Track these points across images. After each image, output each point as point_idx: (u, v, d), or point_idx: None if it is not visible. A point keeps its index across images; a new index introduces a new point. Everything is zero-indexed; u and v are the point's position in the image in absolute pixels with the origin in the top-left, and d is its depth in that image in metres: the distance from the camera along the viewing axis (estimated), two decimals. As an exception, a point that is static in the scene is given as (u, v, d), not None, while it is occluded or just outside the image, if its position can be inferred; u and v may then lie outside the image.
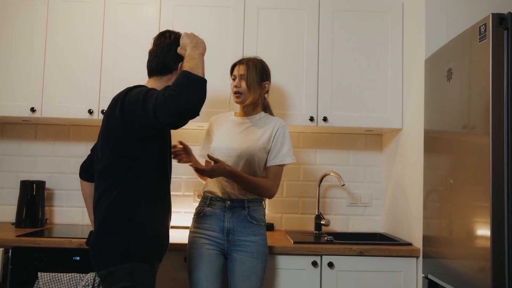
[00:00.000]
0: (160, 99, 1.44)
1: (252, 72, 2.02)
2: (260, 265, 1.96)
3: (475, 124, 1.68)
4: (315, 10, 2.50)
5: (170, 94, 1.43)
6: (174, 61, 1.72)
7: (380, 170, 2.81)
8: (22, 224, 2.48)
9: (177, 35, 1.77)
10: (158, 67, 1.73)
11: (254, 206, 2.02)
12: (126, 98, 1.59)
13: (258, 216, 2.02)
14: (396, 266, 2.17)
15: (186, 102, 1.43)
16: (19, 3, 2.46)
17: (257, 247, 1.96)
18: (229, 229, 1.97)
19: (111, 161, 1.61)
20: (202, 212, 2.02)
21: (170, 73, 1.73)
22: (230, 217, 1.98)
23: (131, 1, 2.48)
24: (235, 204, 1.99)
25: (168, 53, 1.72)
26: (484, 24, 1.62)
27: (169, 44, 1.74)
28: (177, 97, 1.43)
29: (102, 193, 1.62)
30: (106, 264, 1.58)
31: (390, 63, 2.50)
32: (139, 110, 1.51)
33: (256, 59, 2.09)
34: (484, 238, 1.60)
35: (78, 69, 2.45)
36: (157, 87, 1.69)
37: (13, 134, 2.76)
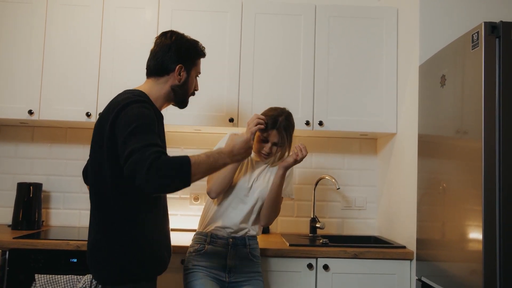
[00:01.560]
0: (143, 174, 1.34)
1: (286, 139, 1.98)
2: None
3: (468, 129, 1.71)
4: (312, 16, 2.54)
5: (157, 176, 1.34)
6: (172, 62, 1.66)
7: (374, 173, 2.85)
8: (19, 226, 2.49)
9: (178, 35, 1.71)
10: (156, 67, 1.67)
11: (253, 244, 2.01)
12: (119, 119, 1.48)
13: (257, 254, 2.02)
14: (390, 268, 2.20)
15: (168, 187, 1.41)
16: (18, 6, 2.47)
17: (257, 283, 1.97)
18: (231, 267, 1.96)
19: (103, 173, 1.53)
20: (203, 250, 1.96)
21: (167, 75, 1.67)
22: (233, 255, 1.96)
23: (129, 5, 2.50)
24: (237, 241, 1.97)
25: (167, 53, 1.66)
26: (477, 32, 1.66)
27: (169, 44, 1.67)
28: (161, 183, 1.37)
29: (98, 206, 1.56)
30: (106, 282, 1.55)
31: (385, 69, 2.54)
32: (120, 149, 1.43)
33: (289, 121, 2.00)
34: (476, 241, 1.63)
35: (76, 72, 2.46)
36: (153, 90, 1.65)
37: (10, 136, 2.77)
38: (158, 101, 1.66)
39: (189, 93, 1.76)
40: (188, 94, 1.75)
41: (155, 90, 1.66)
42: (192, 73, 1.73)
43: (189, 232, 2.63)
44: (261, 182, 2.04)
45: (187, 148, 2.79)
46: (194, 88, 1.77)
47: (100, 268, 1.55)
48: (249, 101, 2.47)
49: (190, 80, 1.72)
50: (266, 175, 2.06)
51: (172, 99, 1.71)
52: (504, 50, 1.61)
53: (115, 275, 1.53)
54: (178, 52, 1.67)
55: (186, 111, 2.43)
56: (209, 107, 2.46)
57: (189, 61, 1.70)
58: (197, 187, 2.73)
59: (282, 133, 1.97)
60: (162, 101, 1.69)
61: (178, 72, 1.67)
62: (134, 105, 1.50)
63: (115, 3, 2.49)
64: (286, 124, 1.98)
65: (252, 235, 2.02)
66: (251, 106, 2.47)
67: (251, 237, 2.02)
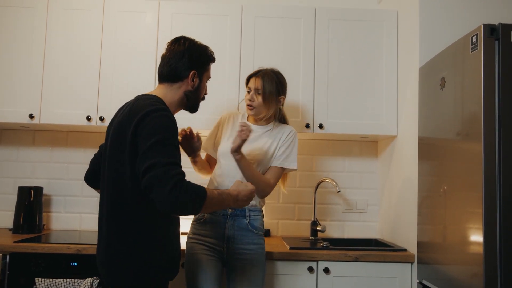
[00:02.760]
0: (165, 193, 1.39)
1: (268, 87, 2.01)
2: (260, 273, 1.96)
3: (468, 131, 1.71)
4: (311, 19, 2.54)
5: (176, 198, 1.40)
6: (186, 69, 1.68)
7: (375, 176, 2.84)
8: (20, 230, 2.49)
9: (191, 42, 1.73)
10: (170, 73, 1.69)
11: (254, 215, 2.02)
12: (142, 125, 1.50)
13: (258, 225, 2.02)
14: (391, 271, 2.19)
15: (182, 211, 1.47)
16: (19, 10, 2.48)
17: (257, 256, 1.97)
18: (229, 237, 1.97)
19: (124, 178, 1.53)
20: (203, 219, 2.01)
21: (181, 81, 1.69)
22: (231, 225, 1.98)
23: (129, 9, 2.51)
24: (236, 212, 1.99)
25: (181, 60, 1.68)
26: (476, 35, 1.66)
27: (182, 51, 1.69)
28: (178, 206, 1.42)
29: (113, 211, 1.56)
30: (120, 285, 1.56)
31: (385, 71, 2.54)
32: (140, 157, 1.46)
33: (273, 72, 2.07)
34: (476, 244, 1.62)
35: (77, 76, 2.47)
36: (167, 95, 1.68)
37: (12, 140, 2.77)
38: (172, 106, 1.69)
39: (201, 98, 1.80)
40: (200, 99, 1.79)
41: (169, 95, 1.69)
42: (204, 78, 1.77)
43: (190, 236, 2.64)
44: (254, 147, 2.03)
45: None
46: (204, 93, 1.81)
47: (117, 274, 1.55)
48: (249, 104, 2.47)
49: (202, 85, 1.77)
50: (261, 140, 2.05)
51: (184, 104, 1.74)
52: (503, 52, 1.61)
53: (131, 280, 1.53)
54: (191, 58, 1.69)
55: (186, 114, 2.44)
56: (209, 110, 2.46)
57: (202, 67, 1.74)
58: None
59: (262, 79, 2.01)
60: (175, 106, 1.72)
61: (192, 78, 1.70)
62: (158, 113, 1.52)
63: (116, 7, 2.50)
64: (270, 74, 2.04)
65: (254, 205, 2.01)
66: (251, 109, 2.46)
67: (253, 208, 2.01)
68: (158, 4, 2.51)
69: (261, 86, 2.01)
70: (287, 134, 2.07)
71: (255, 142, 2.06)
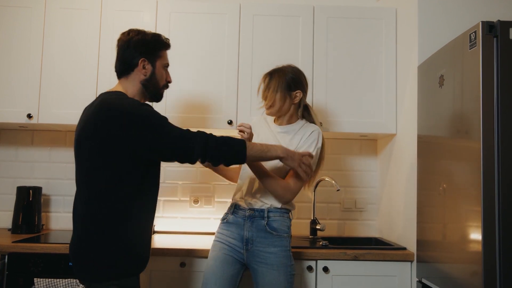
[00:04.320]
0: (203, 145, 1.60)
1: (273, 86, 1.97)
2: (282, 277, 1.86)
3: (467, 129, 1.70)
4: (310, 17, 2.53)
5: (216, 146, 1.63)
6: (134, 57, 1.69)
7: (375, 175, 2.83)
8: (19, 230, 2.49)
9: (135, 31, 1.73)
10: (121, 67, 1.72)
11: (275, 217, 1.93)
12: (133, 117, 1.54)
13: (279, 227, 1.92)
14: (390, 270, 2.18)
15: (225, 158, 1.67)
16: (17, 10, 2.48)
17: (277, 259, 1.88)
18: (248, 238, 1.92)
19: (96, 168, 1.56)
20: (225, 219, 2.01)
21: (133, 71, 1.71)
22: (249, 226, 1.93)
23: (127, 8, 2.50)
24: (255, 213, 1.93)
25: (127, 50, 1.70)
26: (474, 32, 1.65)
27: (127, 41, 1.71)
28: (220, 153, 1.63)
29: (86, 201, 1.58)
30: (91, 279, 1.56)
31: (384, 69, 2.53)
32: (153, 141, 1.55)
33: (288, 68, 2.02)
34: (476, 242, 1.62)
35: (75, 76, 2.46)
36: (128, 89, 1.70)
37: (10, 140, 2.77)
38: (135, 98, 1.69)
39: (161, 85, 1.78)
40: (160, 86, 1.77)
41: (129, 89, 1.71)
42: (158, 65, 1.74)
43: (189, 235, 2.63)
44: None
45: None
46: (167, 80, 1.80)
47: (84, 265, 1.56)
48: (248, 103, 2.47)
49: (158, 72, 1.74)
50: (282, 142, 1.98)
51: (145, 94, 1.75)
52: (501, 49, 1.60)
53: (99, 272, 1.54)
54: (137, 46, 1.70)
55: (185, 114, 2.45)
56: (207, 109, 2.46)
57: (151, 53, 1.72)
58: (197, 189, 2.74)
59: (270, 77, 1.99)
60: (138, 98, 1.72)
61: (142, 66, 1.70)
62: (136, 111, 1.57)
63: (114, 6, 2.50)
64: (282, 69, 2.01)
65: (275, 207, 1.94)
66: (249, 108, 2.46)
67: (273, 209, 1.94)
68: (156, 3, 2.50)
69: (266, 84, 2.00)
70: (309, 133, 1.98)
71: (280, 143, 1.97)
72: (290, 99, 2.00)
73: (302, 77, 2.05)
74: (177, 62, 2.46)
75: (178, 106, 2.46)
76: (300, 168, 1.78)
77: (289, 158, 1.75)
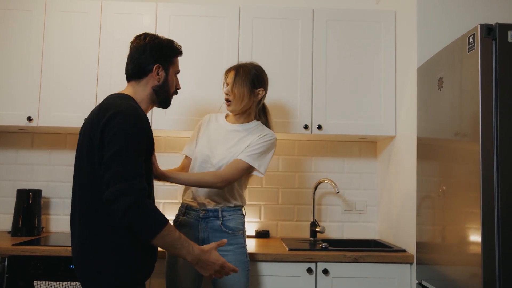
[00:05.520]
0: (123, 207, 1.41)
1: (241, 80, 1.96)
2: (241, 273, 1.90)
3: (466, 131, 1.71)
4: (309, 20, 2.54)
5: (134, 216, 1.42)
6: (149, 63, 1.68)
7: (374, 177, 2.84)
8: (19, 233, 2.49)
9: (152, 36, 1.72)
10: (134, 70, 1.69)
11: (228, 215, 1.96)
12: (109, 126, 1.48)
13: (234, 225, 1.96)
14: (390, 272, 2.19)
15: (136, 229, 1.46)
16: (17, 13, 2.48)
17: (235, 256, 1.91)
18: (204, 239, 1.94)
19: (94, 176, 1.51)
20: (178, 221, 2.00)
21: (146, 76, 1.68)
22: (204, 227, 1.95)
23: (127, 11, 2.51)
24: (209, 214, 1.95)
25: (142, 55, 1.67)
26: (473, 35, 1.66)
27: (143, 45, 1.69)
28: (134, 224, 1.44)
29: (87, 212, 1.53)
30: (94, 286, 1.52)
31: (383, 72, 2.54)
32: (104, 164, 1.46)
33: (250, 65, 2.03)
34: (475, 244, 1.62)
35: (75, 79, 2.47)
36: (137, 93, 1.68)
37: (10, 143, 2.77)
38: (142, 103, 1.68)
39: (171, 93, 1.77)
40: (170, 93, 1.77)
41: (138, 93, 1.68)
42: (171, 71, 1.74)
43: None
44: (223, 149, 1.97)
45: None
46: (176, 87, 1.79)
47: (90, 276, 1.52)
48: (248, 106, 2.47)
49: (170, 79, 1.74)
50: (231, 141, 1.99)
51: (155, 100, 1.73)
52: (500, 52, 1.61)
53: (106, 282, 1.50)
54: (153, 52, 1.68)
55: (185, 117, 2.45)
56: (207, 112, 2.46)
57: (166, 60, 1.71)
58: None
59: (235, 72, 1.98)
60: (146, 103, 1.70)
61: (156, 72, 1.68)
62: (123, 115, 1.50)
63: (113, 9, 2.50)
64: (246, 66, 2.00)
65: (228, 206, 1.96)
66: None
67: (227, 208, 1.96)
68: (155, 6, 2.51)
69: (232, 78, 1.98)
70: (263, 135, 1.98)
71: (230, 143, 1.99)
72: (253, 96, 2.01)
73: (264, 75, 2.07)
74: (177, 64, 2.47)
75: (176, 109, 2.46)
76: (210, 276, 1.61)
77: (198, 265, 1.57)
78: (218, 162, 1.96)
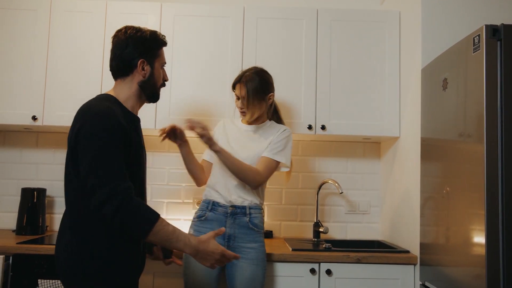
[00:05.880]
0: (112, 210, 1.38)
1: (252, 93, 2.01)
2: (260, 272, 1.98)
3: (470, 132, 1.70)
4: (314, 20, 2.54)
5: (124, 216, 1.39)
6: (132, 58, 1.59)
7: (378, 177, 2.83)
8: (23, 231, 2.50)
9: (133, 29, 1.61)
10: (117, 67, 1.61)
11: (255, 213, 2.04)
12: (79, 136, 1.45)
13: (259, 223, 2.04)
14: (393, 273, 2.18)
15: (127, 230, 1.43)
16: (22, 13, 2.49)
17: (257, 254, 1.99)
18: (230, 235, 1.99)
19: (69, 174, 1.51)
20: (204, 217, 2.03)
21: (131, 73, 1.60)
22: (231, 223, 2.00)
23: (132, 10, 2.52)
24: (237, 210, 2.01)
25: (125, 50, 1.58)
26: (478, 35, 1.65)
27: (124, 40, 1.59)
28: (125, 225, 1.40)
29: (70, 210, 1.54)
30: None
31: (387, 72, 2.53)
32: (82, 172, 1.43)
33: (255, 74, 2.06)
34: (479, 245, 1.62)
35: (80, 78, 2.48)
36: (122, 91, 1.61)
37: (15, 142, 2.79)
38: (129, 101, 1.62)
39: (159, 86, 1.69)
40: (157, 86, 1.68)
41: (124, 91, 1.61)
42: (156, 65, 1.65)
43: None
44: (244, 151, 2.05)
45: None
46: (164, 79, 1.71)
47: (72, 279, 1.48)
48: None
49: (156, 72, 1.66)
50: (255, 142, 2.08)
51: (142, 96, 1.65)
52: (505, 52, 1.60)
53: (87, 283, 1.46)
54: (136, 46, 1.59)
55: (189, 117, 2.46)
56: (210, 113, 2.46)
57: (150, 53, 1.62)
58: (200, 191, 2.74)
59: (245, 86, 2.01)
60: (134, 100, 1.63)
61: (141, 67, 1.60)
62: (93, 120, 1.45)
63: (118, 9, 2.51)
64: (252, 77, 2.03)
65: (255, 203, 2.04)
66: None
67: (253, 206, 2.04)
68: (160, 6, 2.52)
69: (245, 93, 2.03)
70: (281, 131, 2.09)
71: (251, 143, 2.08)
72: (265, 102, 2.09)
73: (270, 78, 2.12)
74: (180, 64, 2.48)
75: (181, 108, 2.47)
76: (212, 266, 1.56)
77: (198, 257, 1.52)
78: (243, 161, 2.01)
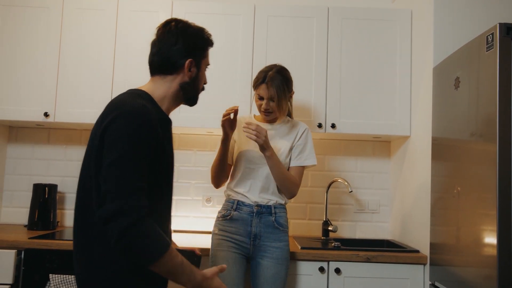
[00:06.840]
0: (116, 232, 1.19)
1: (280, 92, 1.99)
2: (284, 271, 2.00)
3: (482, 132, 1.69)
4: (324, 18, 2.53)
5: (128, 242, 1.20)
6: (181, 57, 1.42)
7: (388, 177, 2.82)
8: (35, 227, 2.53)
9: (184, 24, 1.45)
10: (162, 64, 1.43)
11: (280, 212, 2.05)
12: (109, 130, 1.27)
13: (284, 222, 2.05)
14: (403, 273, 2.17)
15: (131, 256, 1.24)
16: (35, 10, 2.52)
17: (282, 253, 2.00)
18: (256, 234, 2.00)
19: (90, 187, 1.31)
20: (229, 216, 2.03)
21: (176, 72, 1.43)
22: (257, 222, 2.01)
23: (143, 8, 2.53)
24: (262, 209, 2.02)
25: (174, 47, 1.41)
26: (492, 34, 1.64)
27: (175, 36, 1.42)
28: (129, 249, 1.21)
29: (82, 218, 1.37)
30: None
31: (399, 71, 2.52)
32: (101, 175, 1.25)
33: (278, 73, 2.01)
34: (490, 246, 1.60)
35: (91, 75, 2.50)
36: (159, 90, 1.44)
37: (27, 138, 2.82)
38: (164, 101, 1.45)
39: (200, 89, 1.53)
40: (199, 90, 1.53)
41: (161, 90, 1.44)
42: (203, 66, 1.50)
43: (202, 234, 2.65)
44: None
45: (199, 150, 2.81)
46: (204, 82, 1.55)
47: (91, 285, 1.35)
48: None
49: (201, 74, 1.50)
50: (275, 141, 2.07)
51: (181, 98, 1.49)
52: (519, 51, 1.58)
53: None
54: (186, 44, 1.43)
55: (199, 114, 2.46)
56: (222, 110, 2.46)
57: (199, 53, 1.47)
58: (209, 189, 2.75)
59: (272, 86, 1.99)
60: (170, 101, 1.47)
61: (189, 68, 1.44)
62: (124, 119, 1.28)
63: (129, 6, 2.52)
64: (276, 76, 2.01)
65: (280, 203, 2.06)
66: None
67: (278, 205, 2.05)
68: (171, 3, 2.52)
69: (274, 93, 1.99)
70: (301, 133, 2.10)
71: (271, 141, 2.05)
72: (288, 101, 2.10)
73: (289, 75, 2.10)
74: (191, 62, 2.48)
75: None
76: None
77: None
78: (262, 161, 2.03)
